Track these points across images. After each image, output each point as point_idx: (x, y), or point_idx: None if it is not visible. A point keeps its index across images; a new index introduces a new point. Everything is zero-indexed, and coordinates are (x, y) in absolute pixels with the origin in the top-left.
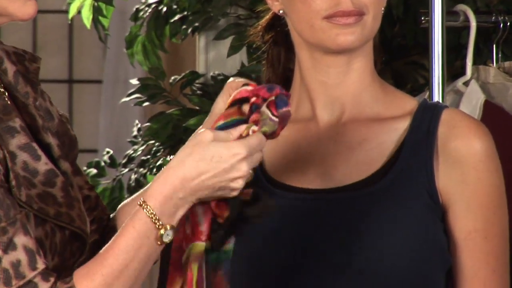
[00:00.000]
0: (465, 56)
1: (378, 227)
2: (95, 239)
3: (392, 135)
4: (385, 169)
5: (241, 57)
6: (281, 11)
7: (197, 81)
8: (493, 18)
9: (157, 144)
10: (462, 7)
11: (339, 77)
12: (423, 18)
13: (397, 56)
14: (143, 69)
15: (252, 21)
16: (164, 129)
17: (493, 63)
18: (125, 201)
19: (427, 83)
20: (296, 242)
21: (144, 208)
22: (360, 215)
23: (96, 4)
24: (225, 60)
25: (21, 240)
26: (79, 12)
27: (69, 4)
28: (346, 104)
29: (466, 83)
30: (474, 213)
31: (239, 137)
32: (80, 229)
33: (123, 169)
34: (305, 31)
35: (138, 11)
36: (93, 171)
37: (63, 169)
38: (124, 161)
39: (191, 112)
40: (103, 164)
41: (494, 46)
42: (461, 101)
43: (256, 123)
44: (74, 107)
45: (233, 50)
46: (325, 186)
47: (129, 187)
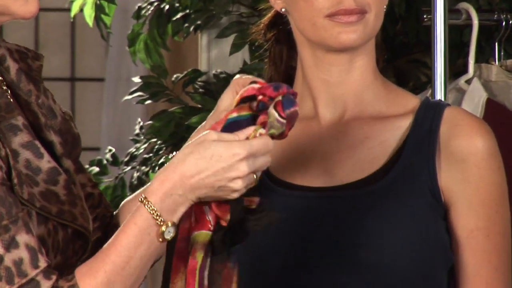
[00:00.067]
0: (467, 54)
1: (380, 225)
2: (98, 237)
3: (394, 133)
4: (387, 167)
5: (243, 55)
6: (283, 9)
7: (200, 79)
8: (496, 16)
9: (159, 142)
10: (464, 5)
11: (341, 75)
12: (425, 16)
13: (399, 54)
14: (146, 67)
15: (254, 19)
16: (166, 127)
17: (495, 61)
18: (128, 198)
19: (429, 81)
20: (297, 240)
21: (145, 204)
22: (362, 213)
23: (98, 2)
24: (227, 58)
25: (23, 238)
26: (81, 10)
27: (71, 2)
28: (348, 102)
29: (468, 81)
30: (476, 211)
31: (246, 140)
32: (82, 227)
33: (125, 167)
34: (307, 29)
35: (140, 9)
36: (96, 169)
37: (66, 167)
38: (126, 159)
39: (194, 110)
40: (105, 162)
41: (496, 44)
42: (463, 99)
43: (263, 125)
44: (76, 105)
45: (235, 48)
46: (327, 184)
47: (131, 185)
